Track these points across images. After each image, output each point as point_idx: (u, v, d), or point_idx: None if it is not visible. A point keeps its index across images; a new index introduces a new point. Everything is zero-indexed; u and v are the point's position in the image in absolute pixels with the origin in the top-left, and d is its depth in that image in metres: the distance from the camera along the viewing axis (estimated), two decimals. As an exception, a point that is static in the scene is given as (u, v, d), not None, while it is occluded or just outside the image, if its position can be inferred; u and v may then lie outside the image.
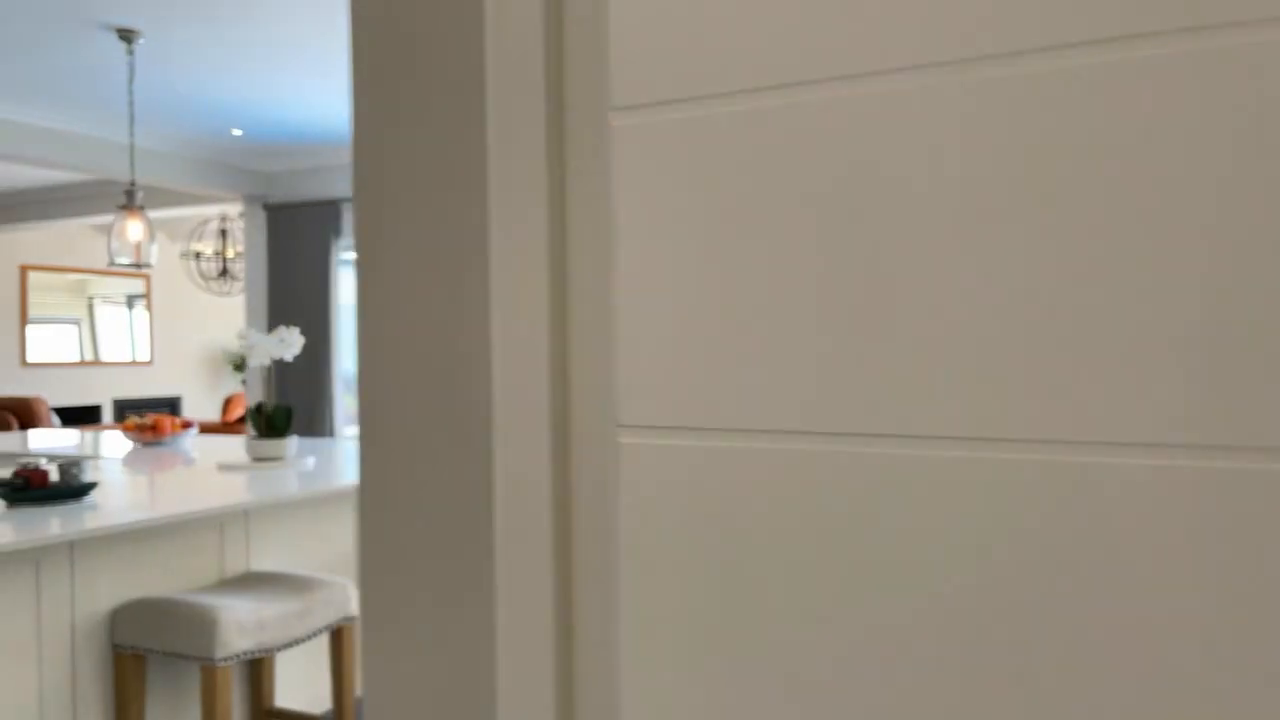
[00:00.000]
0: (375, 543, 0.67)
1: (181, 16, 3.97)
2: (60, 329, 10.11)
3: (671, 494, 0.54)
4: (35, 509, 2.38)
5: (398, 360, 0.65)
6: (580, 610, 0.59)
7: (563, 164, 0.58)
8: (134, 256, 4.19)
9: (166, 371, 11.09)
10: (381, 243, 0.65)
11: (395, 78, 0.64)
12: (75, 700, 2.29)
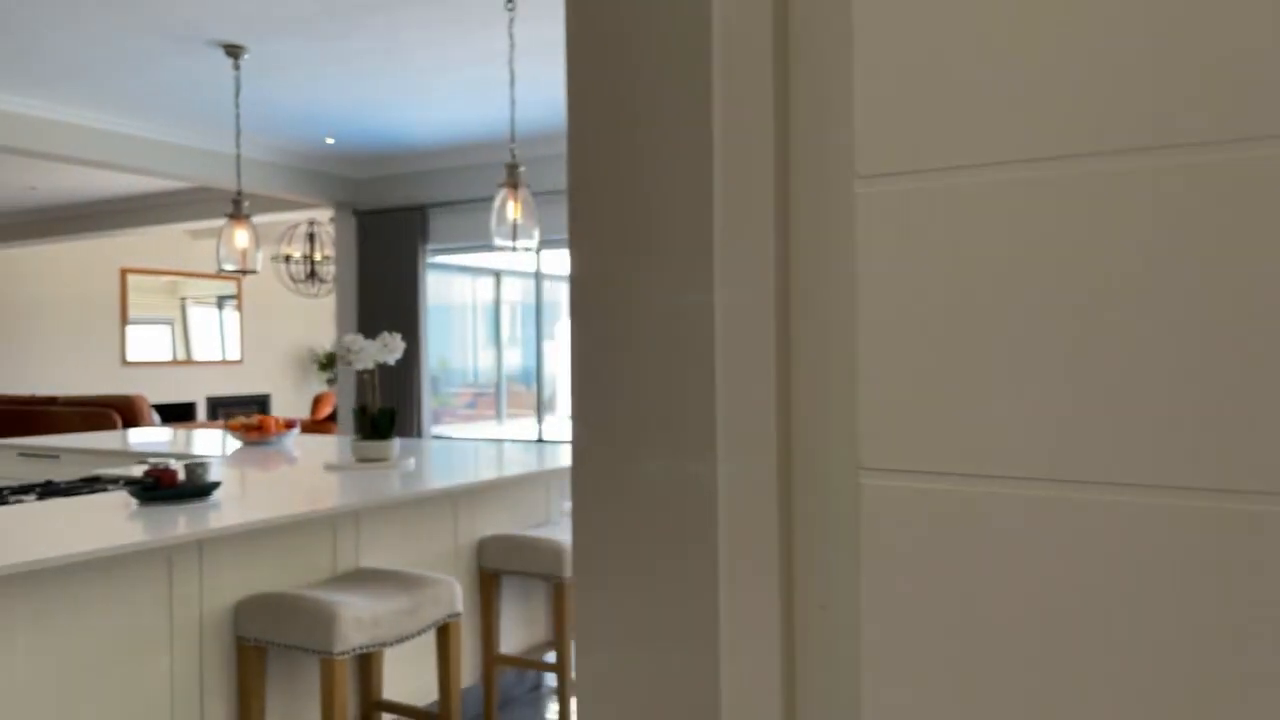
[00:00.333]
0: (590, 580, 0.72)
1: (285, 32, 4.13)
2: (155, 329, 10.54)
3: (912, 534, 0.58)
4: (165, 507, 2.51)
5: (617, 398, 0.70)
6: (804, 641, 0.63)
7: (786, 224, 0.63)
8: (240, 263, 4.37)
9: (256, 370, 11.47)
10: (602, 292, 0.70)
11: (618, 153, 0.69)
12: (203, 689, 2.41)
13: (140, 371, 10.33)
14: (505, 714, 3.39)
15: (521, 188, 3.61)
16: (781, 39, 0.64)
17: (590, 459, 0.72)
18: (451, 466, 3.39)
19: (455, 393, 8.81)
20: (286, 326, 11.73)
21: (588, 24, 0.73)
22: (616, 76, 0.72)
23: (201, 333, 10.98)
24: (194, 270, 10.77)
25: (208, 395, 10.92)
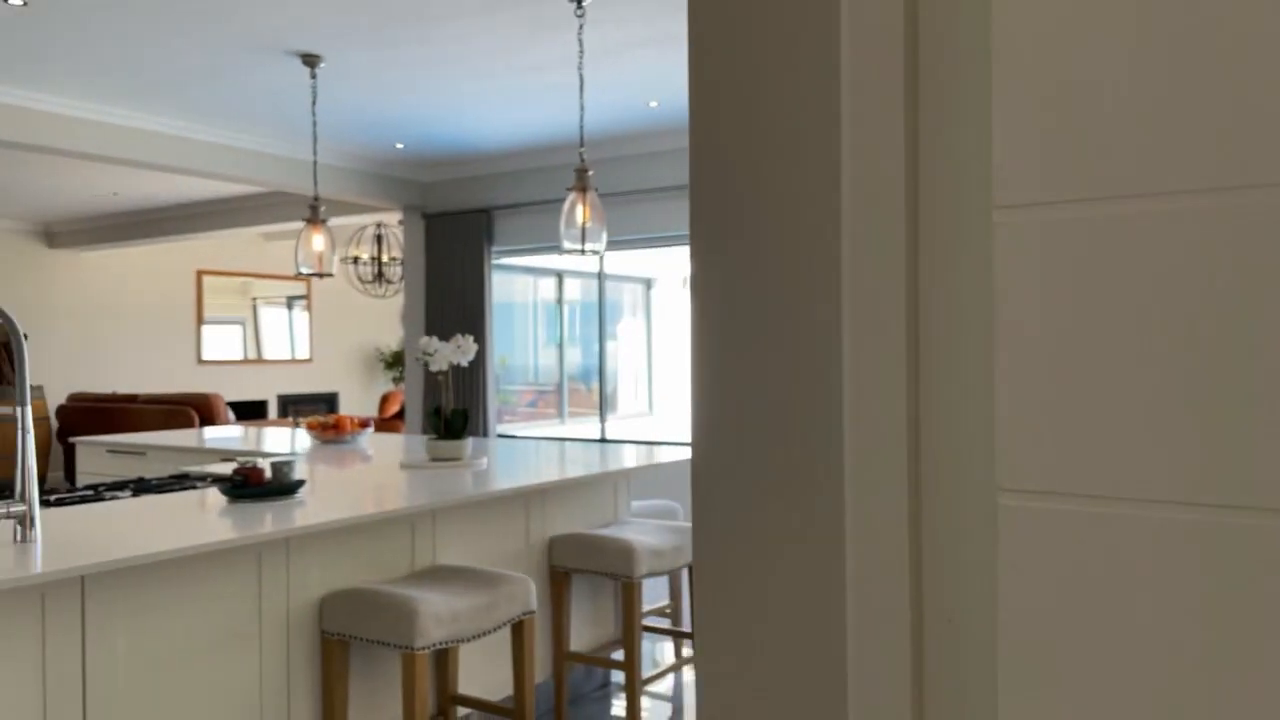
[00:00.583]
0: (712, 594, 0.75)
1: (360, 42, 4.24)
2: (228, 329, 10.86)
3: (1050, 554, 0.60)
4: (253, 504, 2.61)
5: (738, 405, 0.73)
6: (932, 652, 0.66)
7: (916, 247, 0.66)
8: (316, 266, 4.50)
9: (324, 369, 11.75)
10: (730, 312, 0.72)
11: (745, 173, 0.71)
12: (290, 681, 2.50)
13: (214, 370, 10.66)
14: (574, 710, 3.45)
15: (590, 191, 3.66)
16: (912, 66, 0.66)
17: (712, 462, 0.74)
18: (521, 466, 3.46)
19: (516, 391, 8.93)
20: (353, 326, 11.99)
21: (714, 49, 0.74)
22: (744, 91, 0.73)
23: (272, 332, 11.28)
24: (265, 272, 11.08)
25: (278, 393, 11.22)
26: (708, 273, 0.75)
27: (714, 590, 0.76)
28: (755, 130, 0.73)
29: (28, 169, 6.79)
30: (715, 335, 0.74)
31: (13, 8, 3.78)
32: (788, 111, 0.71)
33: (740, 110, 0.74)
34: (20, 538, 2.10)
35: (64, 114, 5.08)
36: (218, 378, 10.63)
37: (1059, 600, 0.60)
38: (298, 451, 4.10)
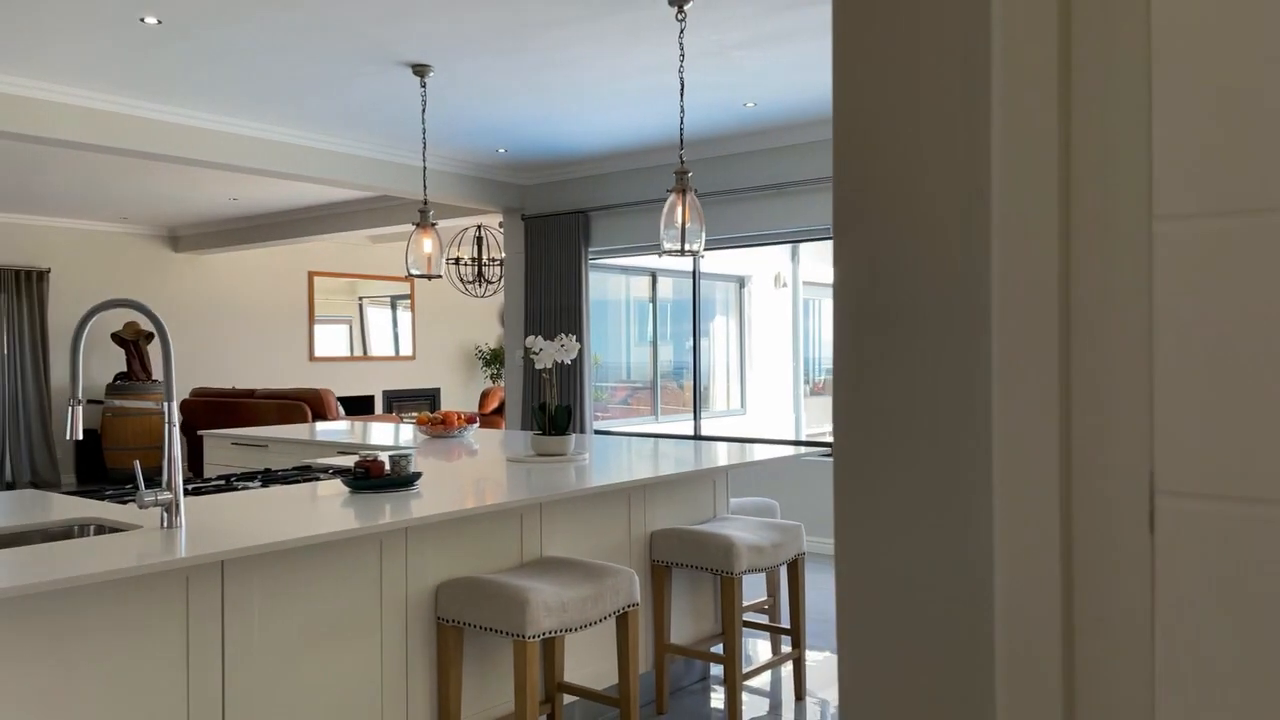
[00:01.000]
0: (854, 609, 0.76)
1: (467, 51, 4.38)
2: (336, 328, 11.30)
3: (1209, 555, 0.62)
4: (373, 495, 2.75)
5: (885, 416, 0.75)
6: (1082, 650, 0.68)
7: (1069, 256, 0.68)
8: (425, 268, 4.67)
9: (427, 366, 12.11)
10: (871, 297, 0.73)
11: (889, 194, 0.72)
12: (408, 664, 2.63)
13: (325, 367, 11.11)
14: (675, 702, 3.51)
15: (689, 193, 3.72)
16: (1065, 73, 0.67)
17: (854, 461, 0.76)
18: (621, 462, 3.53)
19: (609, 388, 9.05)
20: (454, 325, 12.33)
21: (860, 52, 0.74)
22: (890, 95, 0.74)
23: (377, 331, 11.69)
24: (371, 273, 11.49)
25: (383, 389, 11.62)
26: (851, 275, 0.75)
27: (856, 590, 0.76)
28: (901, 135, 0.73)
29: (156, 177, 7.21)
30: (858, 338, 0.75)
31: (149, 27, 4.04)
32: (935, 116, 0.72)
33: (886, 114, 0.74)
34: (166, 523, 2.27)
35: (192, 125, 5.40)
36: (327, 374, 11.08)
37: (1218, 602, 0.61)
38: (407, 445, 4.26)
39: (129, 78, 4.72)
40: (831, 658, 4.00)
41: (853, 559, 0.76)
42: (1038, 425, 0.67)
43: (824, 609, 4.76)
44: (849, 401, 0.76)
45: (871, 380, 0.75)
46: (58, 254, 9.22)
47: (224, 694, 2.23)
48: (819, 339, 10.12)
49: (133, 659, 2.07)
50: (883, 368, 0.75)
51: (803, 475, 6.09)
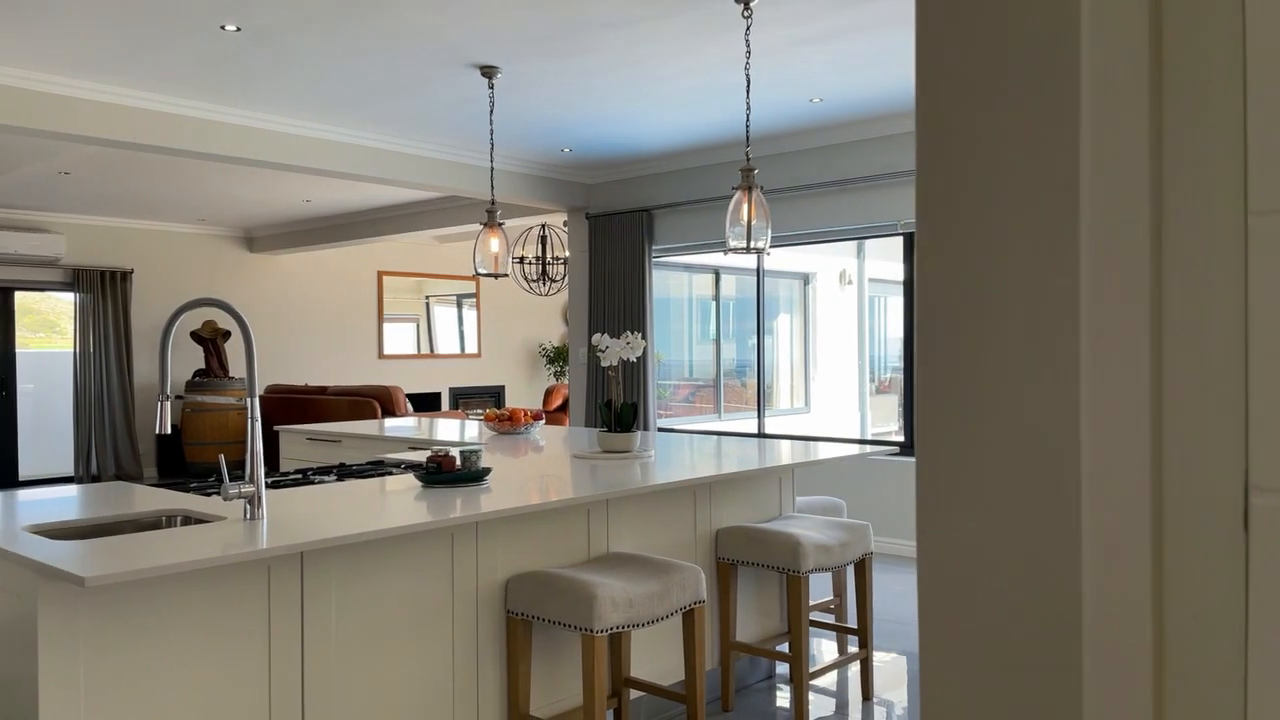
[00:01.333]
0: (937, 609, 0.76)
1: (534, 53, 4.44)
2: (403, 326, 11.53)
3: None
4: (445, 490, 2.81)
5: (967, 414, 0.75)
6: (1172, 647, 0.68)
7: (1160, 251, 0.68)
8: (492, 267, 4.74)
9: (492, 364, 12.28)
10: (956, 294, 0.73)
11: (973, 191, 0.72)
12: (478, 655, 2.68)
13: (393, 364, 11.34)
14: (740, 699, 3.51)
15: (755, 190, 3.71)
16: (1156, 65, 0.67)
17: (937, 460, 0.75)
18: (686, 459, 3.54)
19: (672, 386, 9.06)
20: (518, 323, 12.47)
21: (945, 47, 0.74)
22: (976, 88, 0.74)
23: (443, 329, 11.89)
24: (438, 272, 11.69)
25: (449, 386, 11.82)
26: (935, 273, 0.74)
27: (938, 592, 0.76)
28: (987, 130, 0.73)
29: (234, 179, 7.44)
30: (942, 336, 0.75)
31: (229, 35, 4.18)
32: (1023, 111, 0.71)
33: (971, 109, 0.74)
34: (249, 515, 2.35)
35: (269, 129, 5.56)
36: (396, 371, 11.31)
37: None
38: (473, 441, 4.33)
39: (210, 84, 4.88)
40: (899, 659, 3.96)
41: (935, 560, 0.76)
42: (1128, 423, 0.67)
43: (891, 609, 4.71)
44: (931, 400, 0.76)
45: (955, 378, 0.75)
46: (140, 255, 9.57)
47: (303, 679, 2.30)
48: (884, 337, 9.99)
49: (218, 644, 2.16)
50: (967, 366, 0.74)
51: (869, 474, 6.03)
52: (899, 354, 9.76)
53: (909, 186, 5.82)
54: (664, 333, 8.19)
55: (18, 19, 3.95)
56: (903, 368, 6.01)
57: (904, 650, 4.08)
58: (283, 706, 2.26)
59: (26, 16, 3.93)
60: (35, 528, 2.29)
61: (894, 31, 4.20)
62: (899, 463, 5.90)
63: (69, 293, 9.21)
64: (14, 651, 1.99)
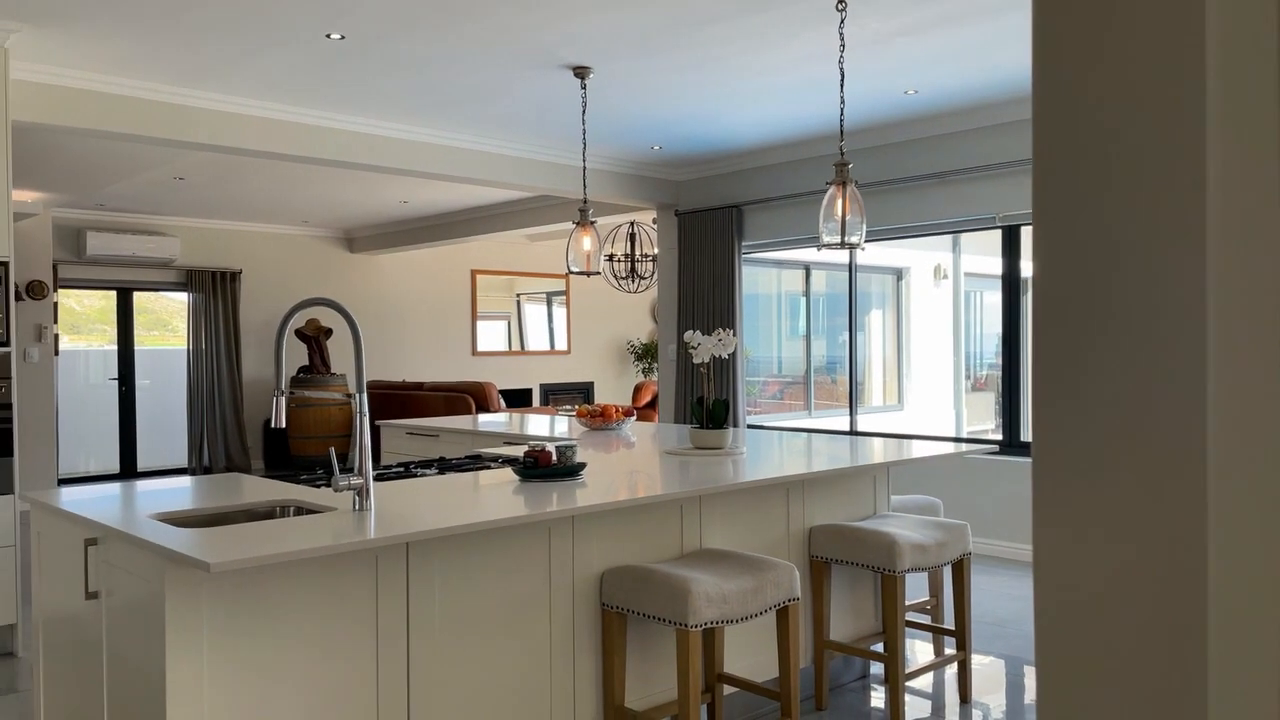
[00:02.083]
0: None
1: (626, 52, 4.47)
2: (495, 324, 11.75)
3: None
4: (542, 484, 2.86)
5: (1090, 413, 0.74)
6: None
7: None
8: (585, 265, 4.80)
9: (581, 360, 12.42)
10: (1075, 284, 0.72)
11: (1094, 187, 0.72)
12: (574, 646, 2.73)
13: (486, 361, 11.57)
14: (834, 699, 3.49)
15: (849, 185, 3.67)
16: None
17: (1059, 460, 0.74)
18: (778, 456, 3.53)
19: (760, 383, 9.01)
20: (606, 320, 12.59)
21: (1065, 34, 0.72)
22: (1096, 84, 0.72)
23: (533, 326, 12.08)
24: (528, 270, 11.87)
25: (540, 383, 12.00)
26: (1057, 268, 0.72)
27: (1057, 597, 0.75)
28: (1110, 121, 0.71)
29: (336, 182, 7.70)
30: (1063, 334, 0.73)
31: (334, 43, 4.33)
32: (1148, 100, 0.69)
33: (1094, 99, 0.72)
34: (358, 506, 2.44)
35: (371, 133, 5.74)
36: (488, 368, 11.54)
37: None
38: (563, 436, 4.39)
39: (314, 91, 5.06)
40: (997, 662, 3.87)
41: (1053, 564, 0.74)
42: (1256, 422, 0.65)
43: (989, 611, 4.60)
44: (1052, 400, 0.74)
45: (1076, 377, 0.74)
46: (248, 256, 9.99)
47: (408, 664, 2.38)
48: (980, 333, 9.74)
49: (329, 628, 2.25)
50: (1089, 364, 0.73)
51: (966, 474, 5.90)
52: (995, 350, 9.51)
53: (1008, 178, 5.67)
54: (752, 329, 8.15)
55: (138, 32, 4.17)
56: (1001, 365, 5.85)
57: (1002, 653, 3.98)
58: (389, 690, 2.34)
59: (146, 30, 4.14)
60: (160, 515, 2.42)
61: (989, 20, 4.10)
62: (997, 462, 5.75)
63: (183, 292, 9.67)
64: (143, 632, 2.12)
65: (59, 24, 4.05)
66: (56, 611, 2.61)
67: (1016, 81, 5.05)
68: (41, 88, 4.58)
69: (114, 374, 9.51)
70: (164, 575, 2.02)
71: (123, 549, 2.21)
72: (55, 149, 5.97)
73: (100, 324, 9.56)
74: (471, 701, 2.50)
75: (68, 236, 8.91)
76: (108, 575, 2.30)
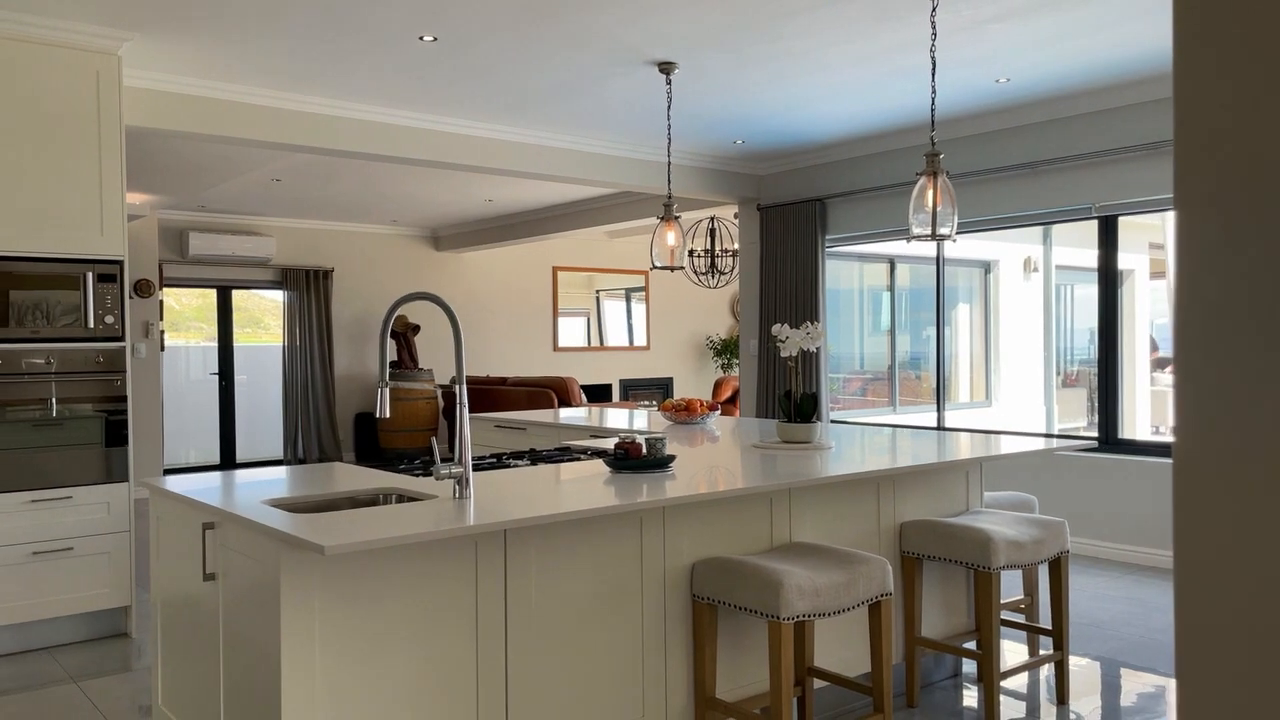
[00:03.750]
0: None
1: (711, 47, 4.48)
2: (575, 320, 11.87)
3: None
4: (632, 475, 2.89)
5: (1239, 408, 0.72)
6: None
7: None
8: (668, 260, 4.82)
9: (660, 356, 12.46)
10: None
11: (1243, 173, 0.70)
12: (666, 636, 2.76)
13: (567, 356, 11.70)
14: (924, 697, 3.44)
15: (940, 175, 3.61)
16: None
17: (1205, 460, 0.71)
18: (866, 451, 3.50)
19: (841, 379, 8.90)
20: (685, 316, 12.60)
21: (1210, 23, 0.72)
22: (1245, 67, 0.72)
23: (612, 322, 12.16)
24: (608, 267, 11.96)
25: (619, 378, 12.08)
26: (1205, 260, 0.70)
27: (1202, 606, 0.72)
28: (1260, 106, 0.69)
29: (423, 182, 7.88)
30: (1216, 327, 0.71)
31: (426, 45, 4.44)
32: None
33: (1253, 76, 0.69)
34: (458, 494, 2.51)
35: (460, 133, 5.86)
36: (569, 363, 11.67)
37: None
38: (641, 430, 4.42)
39: (405, 93, 5.20)
40: (1093, 664, 3.77)
41: (1198, 571, 0.72)
42: None
43: (1085, 612, 4.48)
44: (1198, 397, 0.72)
45: (1228, 373, 0.71)
46: (339, 255, 10.29)
47: (506, 647, 2.44)
48: (1071, 327, 9.46)
49: (432, 611, 2.32)
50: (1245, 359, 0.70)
51: (1060, 472, 5.75)
52: (1087, 345, 9.21)
53: (1105, 166, 5.49)
54: (833, 325, 8.06)
55: (240, 40, 4.35)
56: (1096, 360, 5.67)
57: (1098, 655, 3.88)
58: (488, 671, 2.41)
59: (248, 37, 4.31)
60: (271, 501, 2.53)
61: (1084, 4, 3.98)
62: (1094, 460, 5.59)
63: (278, 291, 10.02)
64: (259, 611, 2.22)
65: (168, 33, 4.24)
66: (174, 593, 2.75)
67: (1113, 67, 4.89)
68: (151, 94, 4.81)
69: (214, 369, 9.91)
70: (279, 557, 2.12)
71: (239, 533, 2.32)
72: (161, 153, 6.25)
73: (197, 321, 9.98)
74: (567, 687, 2.55)
75: (171, 237, 9.31)
76: (224, 558, 2.41)
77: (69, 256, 4.15)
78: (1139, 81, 5.18)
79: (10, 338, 4.02)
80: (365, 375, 10.51)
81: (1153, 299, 8.77)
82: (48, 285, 4.09)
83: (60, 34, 4.08)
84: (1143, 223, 7.92)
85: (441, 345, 10.85)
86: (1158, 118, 5.27)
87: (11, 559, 4.01)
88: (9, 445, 4.01)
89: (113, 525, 4.24)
